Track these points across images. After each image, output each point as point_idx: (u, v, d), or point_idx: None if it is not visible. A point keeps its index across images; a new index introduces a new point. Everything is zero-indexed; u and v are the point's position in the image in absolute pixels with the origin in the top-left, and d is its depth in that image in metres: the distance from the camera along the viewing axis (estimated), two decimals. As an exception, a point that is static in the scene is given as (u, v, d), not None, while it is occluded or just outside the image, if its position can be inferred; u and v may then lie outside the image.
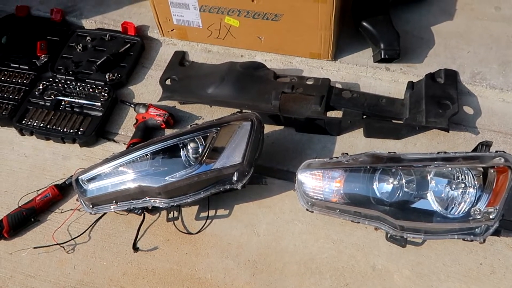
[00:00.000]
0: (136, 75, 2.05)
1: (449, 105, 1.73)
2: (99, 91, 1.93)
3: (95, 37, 2.13)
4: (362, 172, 1.50)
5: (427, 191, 1.46)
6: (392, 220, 1.45)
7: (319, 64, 1.98)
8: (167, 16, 1.98)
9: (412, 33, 2.01)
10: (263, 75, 1.86)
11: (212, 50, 2.09)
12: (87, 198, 1.58)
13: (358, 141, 1.78)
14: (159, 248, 1.60)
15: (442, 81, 1.82)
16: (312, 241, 1.58)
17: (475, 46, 1.96)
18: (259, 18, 1.85)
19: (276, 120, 1.80)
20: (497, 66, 1.89)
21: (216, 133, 1.54)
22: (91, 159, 1.81)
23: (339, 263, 1.54)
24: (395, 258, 1.53)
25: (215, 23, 1.94)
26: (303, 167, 1.53)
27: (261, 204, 1.67)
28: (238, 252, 1.58)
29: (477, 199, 1.41)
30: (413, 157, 1.47)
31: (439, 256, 1.52)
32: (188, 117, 1.89)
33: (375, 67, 1.92)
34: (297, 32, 1.85)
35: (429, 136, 1.77)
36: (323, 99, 1.75)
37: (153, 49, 2.14)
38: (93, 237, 1.64)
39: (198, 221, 1.65)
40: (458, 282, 1.48)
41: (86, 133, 1.83)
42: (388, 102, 1.79)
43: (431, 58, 1.93)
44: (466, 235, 1.43)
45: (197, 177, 1.48)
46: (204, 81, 1.89)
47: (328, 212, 1.53)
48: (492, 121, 1.79)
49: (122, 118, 1.92)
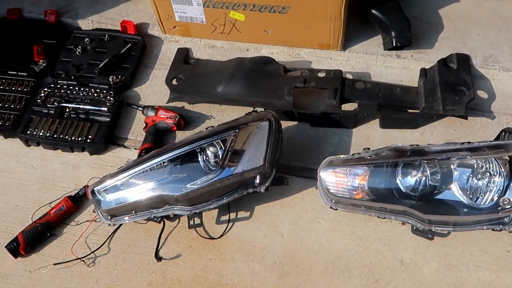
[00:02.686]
0: (140, 76, 1.99)
1: (464, 91, 1.71)
2: (104, 95, 1.86)
3: (94, 38, 2.06)
4: (385, 167, 1.48)
5: (452, 182, 1.45)
6: (419, 214, 1.43)
7: (327, 54, 1.94)
8: (169, 13, 1.91)
9: (420, 18, 1.97)
10: (273, 70, 1.82)
11: (216, 45, 2.03)
12: (105, 210, 1.54)
13: (375, 133, 1.75)
14: (182, 255, 1.57)
15: (455, 67, 1.79)
16: (337, 239, 1.56)
17: (484, 29, 1.93)
18: (265, 11, 1.79)
19: (290, 116, 1.76)
20: (509, 48, 1.86)
21: (234, 136, 1.49)
22: (102, 167, 1.76)
23: (366, 259, 1.52)
24: (423, 251, 1.52)
25: (219, 18, 1.88)
26: (324, 165, 1.50)
27: (282, 204, 1.64)
28: (263, 254, 1.56)
29: (505, 189, 1.40)
30: (437, 148, 1.45)
31: (466, 246, 1.51)
32: (198, 118, 1.84)
33: (386, 55, 1.89)
34: (305, 24, 1.80)
35: (445, 124, 1.74)
36: (337, 92, 1.72)
37: (155, 47, 2.08)
38: (113, 248, 1.60)
39: (219, 225, 1.62)
40: (488, 271, 1.47)
41: (95, 140, 1.77)
42: (402, 91, 1.76)
43: (442, 43, 1.90)
44: (495, 225, 1.42)
45: (220, 183, 1.45)
46: (213, 79, 1.84)
47: (353, 209, 1.51)
48: (508, 105, 1.78)
49: (130, 122, 1.87)
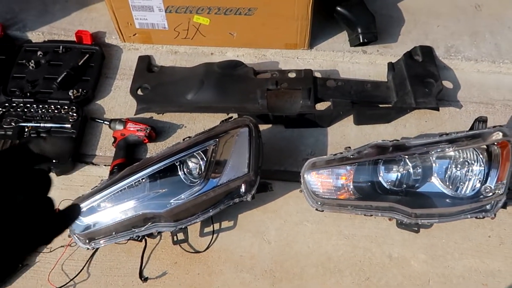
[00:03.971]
0: (102, 88, 1.89)
1: (433, 83, 1.74)
2: (66, 111, 1.75)
3: (47, 50, 1.93)
4: (367, 165, 1.49)
5: (432, 174, 1.47)
6: (406, 208, 1.45)
7: (294, 54, 1.92)
8: (128, 21, 1.83)
9: (380, 12, 1.99)
10: (243, 73, 1.78)
11: (179, 51, 1.96)
12: (82, 234, 1.45)
13: (349, 130, 1.75)
14: (168, 273, 1.51)
15: (420, 59, 1.82)
16: (325, 240, 1.55)
17: (444, 20, 1.98)
18: (231, 14, 1.75)
19: (264, 119, 1.73)
20: (468, 38, 1.92)
21: (215, 145, 1.44)
22: (72, 187, 1.66)
23: (356, 258, 1.52)
24: (409, 244, 1.54)
25: (182, 23, 1.81)
26: (308, 167, 1.49)
27: (266, 210, 1.61)
28: (252, 263, 1.52)
29: (486, 177, 1.44)
30: (417, 142, 1.46)
31: (450, 235, 1.55)
32: (169, 127, 1.77)
33: (352, 51, 1.89)
34: (272, 25, 1.78)
35: (416, 116, 1.77)
36: (311, 92, 1.70)
37: (114, 56, 1.98)
38: (93, 273, 1.52)
39: (203, 237, 1.57)
40: (472, 257, 1.51)
41: (61, 160, 1.67)
42: (373, 87, 1.77)
43: (405, 36, 1.93)
44: (478, 213, 1.45)
45: (205, 195, 1.40)
46: (181, 87, 1.77)
47: (340, 209, 1.51)
48: (471, 93, 1.83)
49: (97, 137, 1.77)
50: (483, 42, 1.91)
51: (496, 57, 1.86)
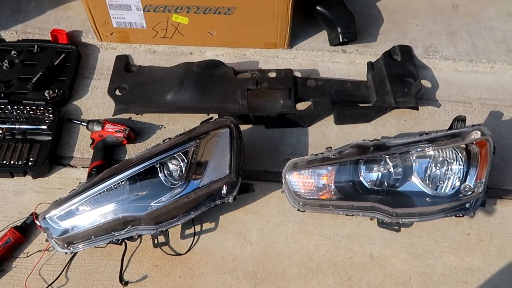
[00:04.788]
0: (78, 88, 1.85)
1: (412, 82, 1.75)
2: (42, 112, 1.71)
3: (22, 50, 1.88)
4: (348, 165, 1.49)
5: (412, 173, 1.48)
6: (386, 208, 1.45)
7: (274, 53, 1.92)
8: (106, 20, 1.80)
9: (360, 11, 1.99)
10: (223, 73, 1.76)
11: (158, 50, 1.94)
12: (60, 238, 1.42)
13: (330, 129, 1.75)
14: (149, 276, 1.49)
15: (399, 58, 1.84)
16: (306, 240, 1.55)
17: (421, 19, 2.00)
18: (210, 13, 1.73)
19: (244, 120, 1.72)
20: (446, 37, 1.94)
21: (196, 147, 1.43)
22: (48, 190, 1.62)
23: (337, 258, 1.52)
24: (390, 243, 1.55)
25: (161, 22, 1.79)
26: (289, 168, 1.48)
27: (247, 211, 1.60)
28: (234, 265, 1.51)
29: (465, 175, 1.45)
30: (397, 142, 1.47)
31: (430, 234, 1.56)
32: (148, 128, 1.75)
33: (332, 51, 1.89)
34: (252, 24, 1.77)
35: (396, 115, 1.78)
36: (291, 92, 1.70)
37: (90, 56, 1.94)
38: (72, 278, 1.48)
39: (184, 239, 1.55)
40: (452, 255, 1.53)
41: (38, 162, 1.62)
42: (353, 86, 1.78)
43: (384, 36, 1.94)
44: (458, 212, 1.47)
45: (186, 197, 1.38)
46: (160, 87, 1.75)
47: (321, 209, 1.51)
48: (450, 92, 1.85)
49: (74, 139, 1.73)
50: (461, 42, 1.93)
51: (473, 57, 1.88)
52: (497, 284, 1.48)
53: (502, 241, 1.55)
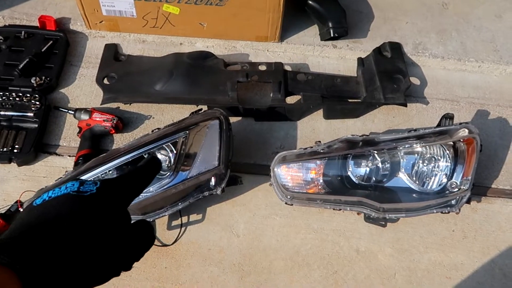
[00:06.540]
0: (66, 76, 1.82)
1: (401, 79, 1.76)
2: (28, 99, 1.68)
3: (8, 35, 1.84)
4: (336, 159, 1.49)
5: (400, 169, 1.50)
6: (373, 203, 1.46)
7: (264, 46, 1.91)
8: (95, 7, 1.77)
9: (351, 7, 1.99)
10: (213, 64, 1.75)
11: (147, 40, 1.92)
12: (45, 227, 1.40)
13: (319, 124, 1.75)
14: (134, 266, 1.46)
15: (389, 55, 1.84)
16: (293, 234, 1.55)
17: (412, 17, 2.00)
18: (201, 3, 1.72)
19: (234, 112, 1.71)
20: (435, 35, 1.95)
21: (185, 138, 1.42)
22: (34, 178, 1.60)
23: (324, 252, 1.53)
24: (376, 238, 1.56)
25: (151, 11, 1.77)
26: (278, 161, 1.48)
27: (235, 203, 1.59)
28: (221, 257, 1.51)
29: (452, 172, 1.47)
30: (386, 138, 1.48)
31: (416, 230, 1.57)
32: (136, 118, 1.73)
33: (322, 46, 1.89)
34: (243, 16, 1.75)
35: (384, 111, 1.79)
36: (281, 86, 1.69)
37: (79, 44, 1.91)
38: (56, 267, 1.47)
39: (171, 230, 1.54)
40: (436, 251, 1.54)
41: (23, 149, 1.60)
42: (343, 82, 1.78)
43: (374, 32, 1.95)
44: (444, 208, 1.48)
45: (175, 188, 1.37)
46: (150, 77, 1.73)
47: (309, 203, 1.51)
48: (438, 90, 1.86)
49: (61, 127, 1.71)
50: (450, 40, 1.94)
51: (461, 55, 1.90)
52: (480, 280, 1.51)
53: (486, 238, 1.57)
